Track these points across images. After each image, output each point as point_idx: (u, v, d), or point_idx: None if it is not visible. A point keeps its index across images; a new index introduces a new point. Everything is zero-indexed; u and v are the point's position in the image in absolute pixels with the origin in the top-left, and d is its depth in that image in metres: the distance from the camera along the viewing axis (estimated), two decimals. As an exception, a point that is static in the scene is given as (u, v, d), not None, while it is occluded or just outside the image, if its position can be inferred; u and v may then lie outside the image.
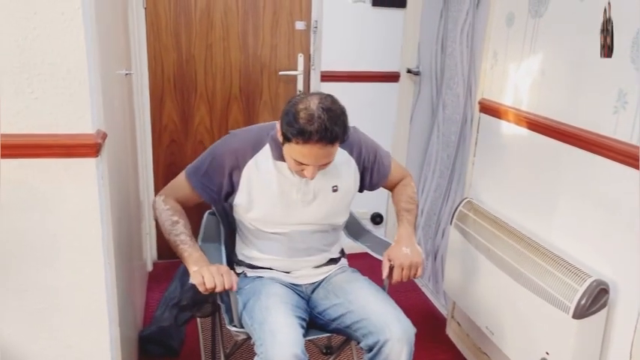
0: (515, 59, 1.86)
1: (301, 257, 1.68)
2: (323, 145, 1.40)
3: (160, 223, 1.59)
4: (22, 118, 1.21)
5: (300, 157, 1.44)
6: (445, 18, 2.52)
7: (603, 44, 1.46)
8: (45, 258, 1.31)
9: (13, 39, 1.17)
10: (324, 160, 1.46)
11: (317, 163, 1.45)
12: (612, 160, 1.44)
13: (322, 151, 1.42)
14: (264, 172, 1.58)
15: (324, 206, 1.63)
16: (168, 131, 2.78)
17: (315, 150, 1.41)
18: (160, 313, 2.28)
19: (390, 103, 2.96)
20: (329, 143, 1.41)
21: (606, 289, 1.45)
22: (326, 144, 1.40)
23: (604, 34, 1.46)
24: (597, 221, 1.51)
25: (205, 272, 1.41)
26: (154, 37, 2.63)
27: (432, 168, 2.70)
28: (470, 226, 1.99)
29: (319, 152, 1.42)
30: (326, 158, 1.46)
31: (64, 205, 1.28)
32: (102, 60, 1.38)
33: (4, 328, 1.34)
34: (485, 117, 2.05)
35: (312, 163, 1.45)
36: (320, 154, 1.43)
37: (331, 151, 1.45)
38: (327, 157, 1.46)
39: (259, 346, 1.43)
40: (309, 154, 1.43)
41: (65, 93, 1.22)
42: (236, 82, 2.79)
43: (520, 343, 1.71)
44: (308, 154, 1.43)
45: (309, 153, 1.42)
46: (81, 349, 1.39)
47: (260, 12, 2.72)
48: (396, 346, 1.45)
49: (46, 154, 1.24)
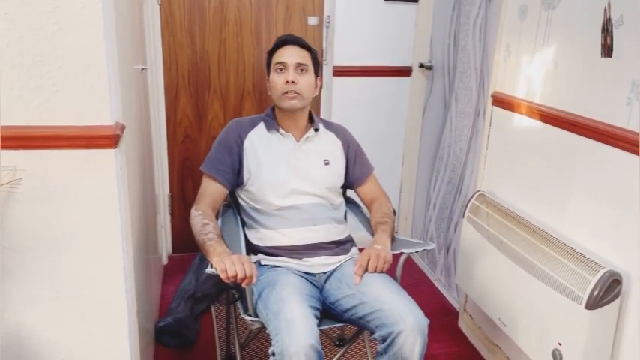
0: (528, 52, 1.86)
1: (307, 226, 1.75)
2: (295, 46, 1.75)
3: (193, 230, 1.66)
4: (43, 111, 1.25)
5: (279, 57, 1.74)
6: (457, 11, 2.52)
7: (604, 44, 1.46)
8: (66, 247, 1.34)
9: (35, 33, 1.20)
10: (298, 58, 1.73)
11: (293, 60, 1.72)
12: (625, 151, 1.44)
13: (295, 50, 1.74)
14: (263, 138, 1.80)
15: (319, 175, 1.80)
16: (182, 127, 2.81)
17: (288, 50, 1.74)
18: (175, 305, 2.32)
19: (403, 97, 2.97)
20: (299, 46, 1.75)
21: (619, 280, 1.45)
22: (296, 46, 1.75)
23: (604, 34, 1.46)
24: (610, 212, 1.51)
25: (227, 260, 1.46)
26: (168, 33, 2.67)
27: (444, 162, 2.70)
28: (482, 219, 2.00)
29: (293, 51, 1.74)
30: (300, 57, 1.74)
31: (84, 195, 1.31)
32: (120, 54, 1.41)
33: (26, 315, 1.37)
34: (497, 110, 2.06)
35: (288, 60, 1.72)
36: (294, 52, 1.74)
37: (303, 54, 1.75)
38: (302, 58, 1.74)
39: (274, 336, 1.45)
40: (284, 53, 1.74)
41: (85, 86, 1.25)
42: (249, 78, 2.81)
43: (532, 334, 1.72)
44: (284, 53, 1.74)
45: (284, 52, 1.74)
46: (101, 336, 1.43)
47: (273, 8, 2.75)
48: (410, 337, 1.47)
49: (67, 146, 1.27)
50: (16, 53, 1.20)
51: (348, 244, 1.84)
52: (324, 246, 1.76)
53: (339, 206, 1.87)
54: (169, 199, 2.88)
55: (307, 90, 1.76)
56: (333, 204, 1.84)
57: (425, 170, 2.94)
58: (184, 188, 2.90)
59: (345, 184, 1.90)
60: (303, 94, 1.75)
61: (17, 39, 1.20)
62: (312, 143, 1.82)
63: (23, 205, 1.29)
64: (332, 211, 1.82)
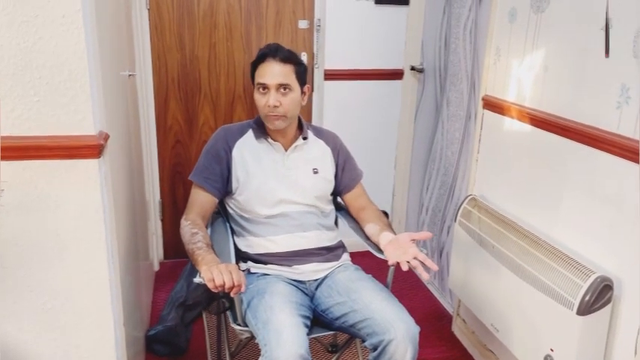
0: (518, 55, 1.85)
1: (297, 233, 1.74)
2: (276, 63, 1.67)
3: (183, 240, 1.64)
4: (24, 121, 1.23)
5: (261, 77, 1.68)
6: (448, 15, 2.51)
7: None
8: (50, 258, 1.32)
9: (15, 42, 1.18)
10: (279, 78, 1.66)
11: (274, 80, 1.66)
12: (615, 155, 1.43)
13: (276, 68, 1.66)
14: (252, 147, 1.77)
15: (308, 183, 1.78)
16: (173, 132, 2.79)
17: (269, 67, 1.67)
18: (166, 313, 2.29)
19: (394, 100, 2.96)
20: (280, 60, 1.67)
21: (610, 285, 1.44)
22: (278, 61, 1.67)
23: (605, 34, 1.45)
24: (601, 217, 1.50)
25: (214, 270, 1.43)
26: (157, 37, 2.65)
27: (436, 165, 2.69)
28: (474, 223, 1.99)
29: (274, 69, 1.66)
30: (282, 77, 1.67)
31: (67, 206, 1.29)
32: (103, 61, 1.39)
33: (11, 328, 1.35)
34: (488, 113, 2.05)
35: (269, 81, 1.66)
36: (275, 70, 1.66)
37: (285, 71, 1.67)
38: (283, 77, 1.67)
39: (264, 346, 1.44)
40: (266, 72, 1.67)
41: (67, 95, 1.23)
42: (240, 82, 2.80)
43: (525, 340, 1.71)
44: (265, 72, 1.67)
45: (265, 71, 1.67)
46: (87, 348, 1.41)
47: (263, 11, 2.73)
48: (401, 345, 1.46)
49: (49, 156, 1.25)
50: (-4, 63, 1.18)
51: (339, 250, 1.82)
52: (314, 252, 1.74)
53: (329, 213, 1.86)
54: (160, 205, 2.86)
55: (292, 109, 1.71)
56: (323, 211, 1.82)
57: (417, 173, 2.93)
58: (175, 194, 2.87)
59: (333, 191, 1.89)
60: (288, 114, 1.70)
61: (-3, 48, 1.18)
62: (302, 152, 1.80)
63: (5, 216, 1.27)
64: (321, 218, 1.81)
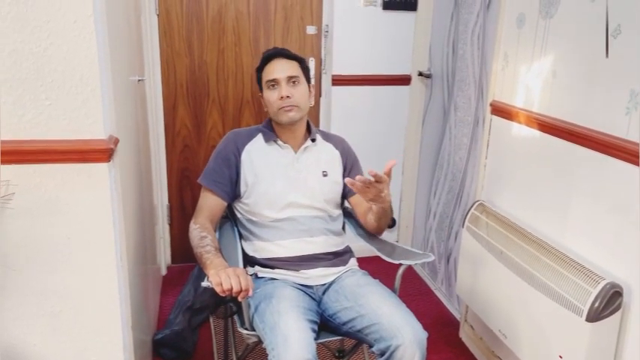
0: (526, 61, 1.85)
1: (304, 238, 1.74)
2: (282, 59, 1.76)
3: (191, 244, 1.65)
4: (36, 125, 1.24)
5: (269, 74, 1.74)
6: (456, 20, 2.52)
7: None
8: (59, 262, 1.33)
9: (27, 47, 1.19)
10: (288, 71, 1.74)
11: (284, 74, 1.73)
12: (625, 161, 1.42)
13: (283, 64, 1.75)
14: (261, 150, 1.79)
15: (317, 187, 1.79)
16: (181, 136, 2.80)
17: (277, 64, 1.75)
18: (173, 317, 2.30)
19: (402, 106, 2.96)
20: (285, 57, 1.77)
21: (620, 292, 1.43)
22: (283, 58, 1.76)
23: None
24: (610, 223, 1.50)
25: (222, 274, 1.44)
26: (166, 43, 2.66)
27: (444, 170, 2.69)
28: (482, 228, 1.98)
29: (281, 65, 1.74)
30: (290, 70, 1.74)
31: (77, 210, 1.30)
32: (114, 67, 1.40)
33: (19, 331, 1.36)
34: (496, 119, 2.04)
35: (279, 75, 1.73)
36: (283, 66, 1.74)
37: (292, 65, 1.76)
38: (291, 70, 1.74)
39: (271, 351, 1.44)
40: (274, 69, 1.74)
41: (78, 99, 1.24)
42: (248, 87, 2.81)
43: (533, 346, 1.69)
44: (273, 69, 1.74)
45: (273, 68, 1.75)
46: (95, 351, 1.41)
47: (271, 17, 2.74)
48: (408, 350, 1.46)
49: (60, 160, 1.26)
50: (9, 67, 1.20)
51: (347, 255, 1.82)
52: (321, 257, 1.74)
53: (337, 218, 1.86)
54: (168, 210, 2.87)
55: (303, 100, 1.76)
56: (331, 215, 1.82)
57: (425, 179, 2.93)
58: (183, 198, 2.88)
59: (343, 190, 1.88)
60: (300, 105, 1.75)
61: (9, 53, 1.19)
62: (311, 153, 1.82)
63: (16, 220, 1.28)
64: (329, 223, 1.81)
